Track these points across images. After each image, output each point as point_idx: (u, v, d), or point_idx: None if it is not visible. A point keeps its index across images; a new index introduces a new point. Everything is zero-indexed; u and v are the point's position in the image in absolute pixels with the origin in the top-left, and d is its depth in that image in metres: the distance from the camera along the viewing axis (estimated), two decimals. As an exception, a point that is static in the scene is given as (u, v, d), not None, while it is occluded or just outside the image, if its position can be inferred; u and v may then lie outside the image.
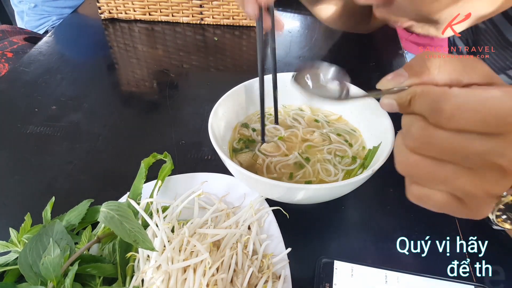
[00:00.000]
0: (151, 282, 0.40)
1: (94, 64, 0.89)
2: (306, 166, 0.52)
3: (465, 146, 0.27)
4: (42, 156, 0.62)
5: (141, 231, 0.42)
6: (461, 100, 0.26)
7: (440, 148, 0.28)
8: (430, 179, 0.29)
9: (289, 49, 0.91)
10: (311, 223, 0.51)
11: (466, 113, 0.26)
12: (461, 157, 0.27)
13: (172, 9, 0.97)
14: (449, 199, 0.29)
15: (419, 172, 0.29)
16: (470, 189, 0.28)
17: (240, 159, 0.54)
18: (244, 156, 0.54)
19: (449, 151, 0.27)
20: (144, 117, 0.72)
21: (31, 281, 0.40)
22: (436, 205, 0.30)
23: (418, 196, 0.30)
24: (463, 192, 0.29)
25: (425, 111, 0.28)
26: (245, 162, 0.53)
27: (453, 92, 0.27)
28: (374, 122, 0.53)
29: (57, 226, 0.44)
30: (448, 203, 0.29)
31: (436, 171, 0.28)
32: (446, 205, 0.30)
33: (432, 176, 0.29)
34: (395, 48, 0.90)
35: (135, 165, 0.52)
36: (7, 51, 1.07)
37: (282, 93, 0.61)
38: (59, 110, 0.71)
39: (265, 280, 0.42)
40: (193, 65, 0.87)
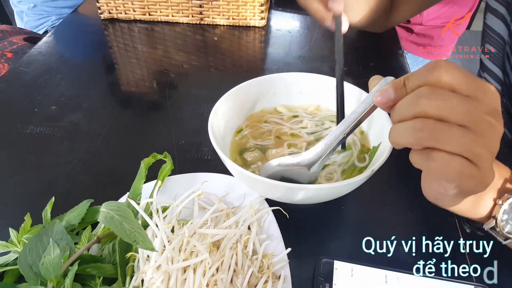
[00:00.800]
0: (151, 282, 0.40)
1: (94, 64, 0.89)
2: None
3: (461, 102, 0.31)
4: (42, 156, 0.62)
5: (141, 231, 0.41)
6: (451, 63, 0.32)
7: (447, 104, 0.31)
8: (446, 139, 0.31)
9: (289, 49, 0.91)
10: (311, 223, 0.51)
11: (455, 70, 0.31)
12: (460, 114, 0.31)
13: (171, 9, 0.97)
14: (463, 163, 0.31)
15: (436, 133, 0.31)
16: (476, 148, 0.31)
17: (246, 156, 0.54)
18: (251, 154, 0.54)
19: (452, 107, 0.31)
20: (144, 117, 0.72)
21: (31, 281, 0.40)
22: (455, 171, 0.32)
23: (440, 163, 0.32)
24: (473, 152, 0.31)
25: (423, 75, 0.32)
26: (252, 158, 0.54)
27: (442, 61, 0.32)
28: (373, 122, 0.53)
29: (57, 226, 0.44)
30: (463, 166, 0.31)
31: (449, 129, 0.31)
32: (462, 168, 0.31)
33: (447, 135, 0.31)
34: (395, 48, 0.90)
35: (135, 165, 0.51)
36: (6, 51, 1.07)
37: (283, 93, 0.62)
38: (59, 110, 0.71)
39: (265, 280, 0.42)
40: (193, 65, 0.87)
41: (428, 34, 1.33)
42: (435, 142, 0.31)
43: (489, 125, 0.31)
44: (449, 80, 0.31)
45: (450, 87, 0.31)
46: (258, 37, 0.95)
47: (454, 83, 0.31)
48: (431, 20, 1.30)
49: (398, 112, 0.34)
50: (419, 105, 0.31)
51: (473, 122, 0.31)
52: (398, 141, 0.34)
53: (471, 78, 0.31)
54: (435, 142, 0.31)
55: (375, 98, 0.35)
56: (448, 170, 0.32)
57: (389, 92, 0.34)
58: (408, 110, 0.32)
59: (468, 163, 0.31)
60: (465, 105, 0.31)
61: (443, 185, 0.35)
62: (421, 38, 1.35)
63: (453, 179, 0.32)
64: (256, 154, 0.54)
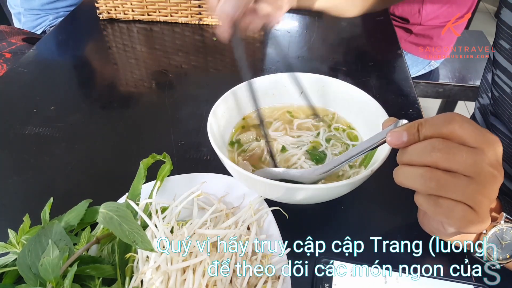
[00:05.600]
0: (150, 282, 0.40)
1: (93, 65, 0.89)
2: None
3: (469, 155, 0.33)
4: (41, 156, 0.62)
5: (140, 231, 0.41)
6: (464, 118, 0.35)
7: (457, 157, 0.33)
8: (452, 189, 0.34)
9: (288, 49, 0.91)
10: (310, 223, 0.51)
11: (467, 124, 0.34)
12: (468, 166, 0.33)
13: (170, 9, 0.97)
14: (466, 209, 0.34)
15: (443, 183, 0.34)
16: (478, 196, 0.34)
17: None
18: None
19: (462, 161, 0.33)
20: (143, 118, 0.72)
21: (30, 283, 0.40)
22: (458, 216, 0.35)
23: (445, 209, 0.35)
24: (475, 200, 0.34)
25: (437, 126, 0.34)
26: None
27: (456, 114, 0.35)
28: (373, 122, 0.53)
29: (56, 227, 0.44)
30: (465, 212, 0.34)
31: (455, 181, 0.34)
32: (464, 214, 0.34)
33: (453, 186, 0.34)
34: (394, 49, 0.90)
35: (134, 166, 0.51)
36: (5, 51, 1.07)
37: (281, 93, 0.62)
38: (58, 111, 0.71)
39: (265, 281, 0.41)
40: (192, 65, 0.87)
41: (427, 34, 1.33)
42: (443, 192, 0.34)
43: (491, 176, 0.34)
44: (461, 134, 0.34)
45: (461, 141, 0.34)
46: (257, 37, 0.95)
47: (465, 137, 0.34)
48: (430, 20, 1.30)
49: (408, 155, 0.36)
50: (432, 156, 0.34)
51: (477, 173, 0.34)
52: (405, 183, 0.36)
53: (480, 132, 0.34)
54: (442, 192, 0.34)
55: (388, 138, 0.37)
56: (452, 215, 0.35)
57: (403, 135, 0.36)
58: (419, 157, 0.35)
59: (470, 210, 0.34)
60: (473, 157, 0.33)
61: (444, 226, 0.39)
62: (420, 39, 1.35)
63: (455, 223, 0.35)
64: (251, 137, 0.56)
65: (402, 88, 0.76)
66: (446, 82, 1.40)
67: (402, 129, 0.36)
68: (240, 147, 0.56)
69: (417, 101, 0.72)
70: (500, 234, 0.39)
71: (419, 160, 0.35)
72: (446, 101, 1.70)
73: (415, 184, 0.36)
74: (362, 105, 0.56)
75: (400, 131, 0.36)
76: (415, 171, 0.35)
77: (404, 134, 0.36)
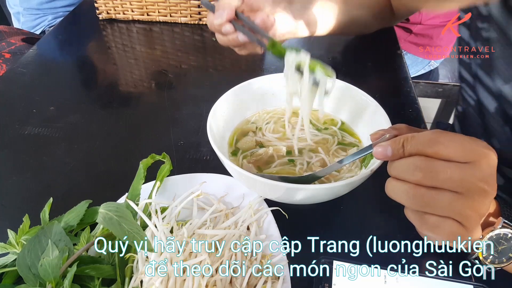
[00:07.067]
0: (150, 283, 0.40)
1: (92, 65, 0.89)
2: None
3: (456, 172, 0.33)
4: (40, 157, 0.61)
5: (140, 232, 0.41)
6: (452, 137, 0.34)
7: (440, 176, 0.34)
8: (437, 206, 0.34)
9: (288, 49, 0.90)
10: (310, 223, 0.51)
11: (453, 144, 0.34)
12: (454, 183, 0.33)
13: (170, 9, 0.97)
14: (453, 224, 0.35)
15: (427, 200, 0.35)
16: (466, 211, 0.34)
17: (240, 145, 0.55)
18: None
19: (446, 178, 0.33)
20: (142, 118, 0.72)
21: (30, 283, 0.40)
22: (445, 231, 0.35)
23: (431, 225, 0.36)
24: (462, 215, 0.34)
25: (422, 145, 0.34)
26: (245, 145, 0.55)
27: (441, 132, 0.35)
28: (372, 122, 0.53)
29: (56, 227, 0.44)
30: (452, 227, 0.35)
31: (440, 197, 0.34)
32: (451, 229, 0.35)
33: (438, 202, 0.34)
34: (393, 48, 0.90)
35: (134, 166, 0.51)
36: (4, 51, 1.07)
37: (281, 93, 0.61)
38: (57, 111, 0.71)
39: (264, 281, 0.41)
40: (191, 65, 0.87)
41: (427, 34, 1.33)
42: (428, 209, 0.35)
43: (481, 191, 0.34)
44: (446, 154, 0.34)
45: (447, 158, 0.34)
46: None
47: (451, 155, 0.34)
48: (430, 19, 1.30)
49: (394, 169, 0.37)
50: (414, 175, 0.35)
51: (465, 189, 0.34)
52: (393, 197, 0.37)
53: (470, 146, 0.34)
54: (427, 208, 0.35)
55: (375, 150, 0.38)
56: (438, 231, 0.35)
57: (387, 150, 0.37)
58: (403, 175, 0.36)
59: (458, 225, 0.35)
60: (460, 174, 0.33)
61: (434, 238, 0.39)
62: (420, 38, 1.35)
63: (442, 238, 0.36)
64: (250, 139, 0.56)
65: (401, 88, 0.76)
66: (445, 82, 1.40)
67: (387, 143, 0.37)
68: (243, 152, 0.55)
69: (416, 101, 0.72)
70: (497, 239, 0.39)
71: (403, 176, 0.36)
72: (446, 101, 1.69)
73: (401, 199, 0.36)
74: (361, 105, 0.56)
75: (386, 146, 0.37)
76: (401, 187, 0.36)
77: (389, 149, 0.37)
